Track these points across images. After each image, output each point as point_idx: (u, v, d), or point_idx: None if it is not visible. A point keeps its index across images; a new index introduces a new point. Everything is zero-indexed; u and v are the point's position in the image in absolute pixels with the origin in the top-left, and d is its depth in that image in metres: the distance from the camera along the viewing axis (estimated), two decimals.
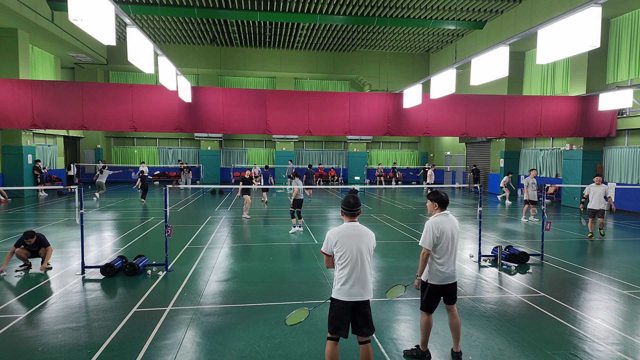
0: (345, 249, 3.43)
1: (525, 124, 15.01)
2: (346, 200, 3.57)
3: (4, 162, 17.42)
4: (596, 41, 5.94)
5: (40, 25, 16.32)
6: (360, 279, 3.45)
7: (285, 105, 14.12)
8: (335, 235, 3.48)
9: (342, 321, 3.44)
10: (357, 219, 3.60)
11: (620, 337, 4.65)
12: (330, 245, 3.49)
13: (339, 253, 3.45)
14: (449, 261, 4.00)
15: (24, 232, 6.85)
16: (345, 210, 3.56)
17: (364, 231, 3.55)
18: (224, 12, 17.66)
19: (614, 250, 8.99)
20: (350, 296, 3.43)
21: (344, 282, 3.44)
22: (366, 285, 3.48)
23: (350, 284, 3.43)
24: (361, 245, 3.46)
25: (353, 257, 3.43)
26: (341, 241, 3.44)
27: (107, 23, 6.00)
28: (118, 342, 4.39)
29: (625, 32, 14.31)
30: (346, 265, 3.43)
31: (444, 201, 4.05)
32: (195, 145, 27.92)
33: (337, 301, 3.47)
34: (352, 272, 3.43)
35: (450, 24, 18.63)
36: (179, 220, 12.28)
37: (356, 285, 3.44)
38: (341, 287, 3.45)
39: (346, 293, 3.43)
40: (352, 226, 3.53)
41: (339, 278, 3.47)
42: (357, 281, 3.43)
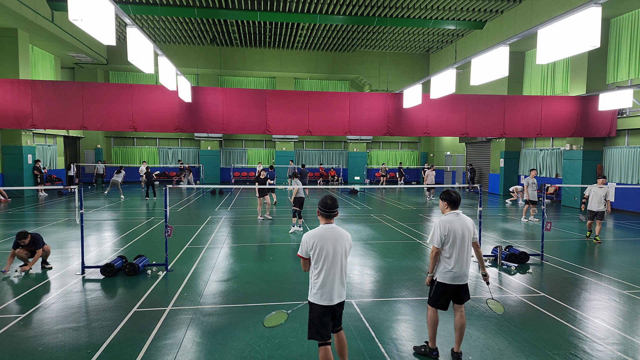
0: (322, 251, 3.37)
1: (525, 124, 15.01)
2: (323, 201, 3.48)
3: (4, 162, 17.42)
4: (596, 41, 5.94)
5: (40, 25, 16.32)
6: (337, 281, 3.41)
7: (285, 105, 14.11)
8: (312, 238, 3.40)
9: (323, 325, 3.40)
10: (333, 220, 3.53)
11: (620, 337, 4.65)
12: (306, 249, 3.42)
13: (316, 256, 3.38)
14: (459, 261, 3.97)
15: (17, 233, 6.79)
16: (322, 211, 3.48)
17: (341, 233, 3.49)
18: (224, 12, 17.66)
19: (614, 250, 8.99)
20: (330, 300, 3.39)
21: (321, 285, 3.38)
22: (343, 287, 3.46)
23: (328, 287, 3.38)
24: (338, 248, 3.42)
25: (329, 259, 3.38)
26: (318, 244, 3.37)
27: (107, 23, 6.00)
28: (118, 342, 4.39)
29: (625, 32, 14.31)
30: (323, 269, 3.37)
31: (454, 201, 4.04)
32: (195, 145, 27.92)
33: (315, 305, 3.41)
34: (329, 275, 3.37)
35: (450, 24, 18.63)
36: (179, 220, 12.28)
37: (334, 288, 3.39)
38: (319, 290, 3.39)
39: (325, 297, 3.38)
40: (328, 228, 3.46)
41: (316, 282, 3.40)
42: (334, 284, 3.39)
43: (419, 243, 9.36)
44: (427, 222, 12.30)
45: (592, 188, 9.79)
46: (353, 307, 5.44)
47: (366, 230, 10.88)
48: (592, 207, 9.70)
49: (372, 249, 8.77)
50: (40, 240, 6.99)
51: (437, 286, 4.06)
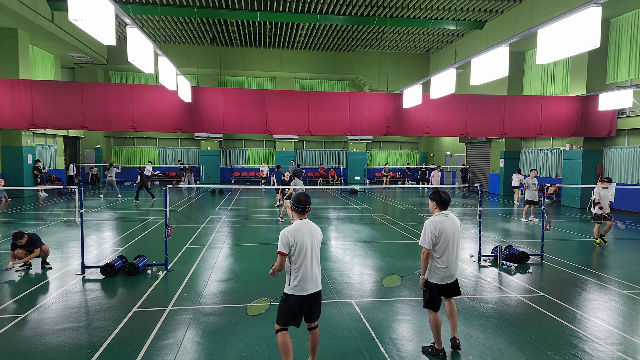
0: (301, 246, 3.56)
1: (525, 124, 15.01)
2: (297, 198, 3.68)
3: (4, 162, 17.42)
4: (596, 41, 5.94)
5: (40, 25, 16.32)
6: (316, 270, 3.66)
7: (285, 105, 14.11)
8: (291, 234, 3.57)
9: (297, 313, 3.60)
10: (306, 215, 3.74)
11: (620, 337, 4.65)
12: (287, 244, 3.55)
13: (297, 250, 3.55)
14: (449, 260, 4.05)
15: (13, 233, 6.79)
16: (296, 207, 3.69)
17: (314, 227, 3.74)
18: (224, 12, 17.66)
19: (614, 250, 8.98)
20: (308, 290, 3.60)
21: (301, 278, 3.57)
22: (318, 277, 3.70)
23: (307, 279, 3.58)
24: (313, 240, 3.66)
25: (307, 253, 3.59)
26: (297, 239, 3.56)
27: (107, 23, 6.00)
28: (118, 342, 4.39)
29: (625, 32, 14.31)
30: (303, 262, 3.56)
31: (444, 201, 4.10)
32: (195, 145, 27.92)
33: (293, 297, 3.59)
34: (307, 268, 3.58)
35: (450, 24, 18.63)
36: (179, 220, 12.28)
37: (311, 278, 3.61)
38: (299, 283, 3.57)
39: (303, 288, 3.57)
40: (304, 223, 3.67)
41: (297, 274, 3.58)
42: (312, 275, 3.61)
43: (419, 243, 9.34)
44: None
45: (599, 191, 9.22)
46: (353, 307, 5.44)
47: (366, 230, 10.88)
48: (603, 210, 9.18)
49: (372, 249, 8.77)
50: (37, 240, 6.98)
51: (432, 287, 4.12)
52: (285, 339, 3.59)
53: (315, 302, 3.72)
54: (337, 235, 10.20)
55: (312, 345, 3.82)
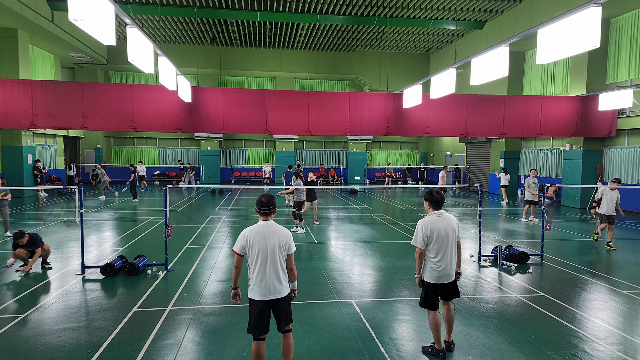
0: (258, 247, 3.47)
1: (525, 124, 15.01)
2: (259, 200, 3.64)
3: (4, 162, 17.42)
4: (596, 41, 5.94)
5: (40, 25, 16.32)
6: (271, 277, 3.48)
7: (285, 105, 14.11)
8: (247, 234, 3.52)
9: (257, 320, 3.48)
10: (271, 217, 3.66)
11: (620, 337, 4.65)
12: (242, 243, 3.51)
13: (252, 251, 3.48)
14: (444, 260, 4.06)
15: (14, 233, 6.81)
16: (258, 209, 3.63)
17: (276, 229, 3.58)
18: (224, 12, 17.66)
19: (614, 250, 8.97)
20: (265, 295, 3.47)
21: (255, 282, 3.48)
22: (278, 284, 3.50)
23: (263, 282, 3.46)
24: (273, 243, 3.50)
25: (264, 255, 3.46)
26: (255, 239, 3.48)
27: (107, 23, 6.00)
28: (118, 342, 4.39)
29: (625, 32, 14.31)
30: (258, 264, 3.46)
31: (436, 201, 4.13)
32: (195, 145, 27.92)
33: (251, 300, 3.52)
34: (264, 271, 3.46)
35: (450, 24, 18.62)
36: (179, 220, 12.28)
37: (269, 283, 3.47)
38: (255, 286, 3.49)
39: (260, 292, 3.47)
40: (265, 224, 3.58)
41: (252, 276, 3.51)
42: (269, 280, 3.47)
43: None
44: None
45: (605, 189, 9.01)
46: (353, 307, 5.44)
47: (366, 230, 10.88)
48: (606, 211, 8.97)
49: (372, 249, 8.77)
50: (38, 239, 6.99)
51: (427, 287, 4.15)
52: (255, 348, 3.50)
53: (279, 311, 3.55)
54: (337, 235, 10.20)
55: (285, 351, 3.64)
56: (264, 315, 3.49)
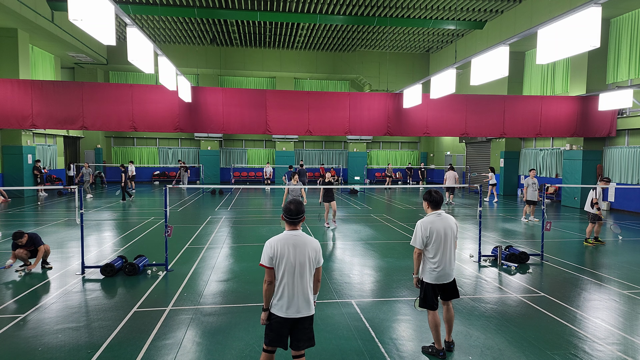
0: (286, 260, 3.14)
1: (525, 124, 15.01)
2: (287, 208, 3.27)
3: (4, 162, 17.42)
4: (596, 41, 5.94)
5: (40, 25, 16.32)
6: (299, 293, 3.16)
7: (285, 105, 14.11)
8: (274, 244, 3.18)
9: (279, 335, 3.21)
10: (299, 227, 3.31)
11: (620, 337, 4.65)
12: (269, 256, 3.18)
13: (277, 264, 3.16)
14: (443, 260, 4.06)
15: (13, 233, 6.79)
16: (286, 217, 3.27)
17: (305, 240, 3.23)
18: (224, 12, 17.66)
19: (614, 250, 8.98)
20: (289, 313, 3.16)
21: (280, 297, 3.17)
22: (307, 300, 3.20)
23: (287, 298, 3.15)
24: (302, 256, 3.16)
25: (292, 269, 3.14)
26: (283, 251, 3.15)
27: (107, 23, 6.00)
28: (118, 342, 4.39)
29: (625, 32, 14.31)
30: (283, 278, 3.15)
31: (435, 201, 4.13)
32: (195, 145, 27.91)
33: (274, 316, 3.20)
34: (290, 286, 3.15)
35: (450, 24, 18.62)
36: (179, 220, 12.28)
37: (295, 300, 3.16)
38: (278, 301, 3.17)
39: (284, 309, 3.16)
40: (294, 234, 3.23)
41: (277, 292, 3.19)
42: (296, 296, 3.16)
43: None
44: None
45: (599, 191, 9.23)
46: (353, 307, 5.44)
47: (366, 230, 10.88)
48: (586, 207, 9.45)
49: (372, 249, 8.77)
50: (38, 239, 6.99)
51: (426, 287, 4.15)
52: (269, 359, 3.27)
53: (302, 329, 3.23)
54: (337, 235, 10.20)
55: None
56: (285, 332, 3.21)
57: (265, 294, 3.20)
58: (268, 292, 3.20)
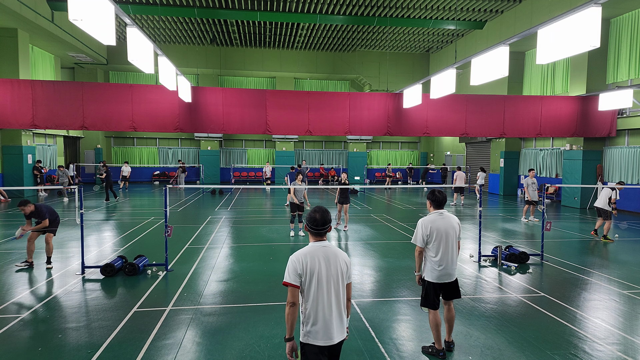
0: (318, 275, 2.70)
1: (525, 124, 15.01)
2: (312, 217, 2.83)
3: (4, 162, 17.42)
4: (596, 41, 5.94)
5: (40, 25, 16.32)
6: (336, 313, 2.75)
7: (285, 105, 14.11)
8: (301, 259, 2.74)
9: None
10: (326, 237, 2.90)
11: (620, 337, 4.65)
12: (294, 273, 2.71)
13: (309, 281, 2.71)
14: (444, 259, 4.07)
15: (19, 202, 6.94)
16: (311, 229, 2.83)
17: (336, 252, 2.84)
18: (224, 12, 17.66)
19: (614, 250, 8.98)
20: (327, 338, 2.70)
21: (314, 322, 2.71)
22: (342, 322, 2.79)
23: (322, 322, 2.70)
24: (336, 270, 2.77)
25: (325, 285, 2.72)
26: (312, 265, 2.72)
27: (107, 23, 6.00)
28: (118, 342, 4.39)
29: (625, 32, 14.31)
30: (315, 299, 2.70)
31: (438, 201, 4.14)
32: (195, 145, 27.91)
33: (310, 346, 2.72)
34: (325, 307, 2.71)
35: (450, 24, 18.62)
36: (179, 220, 12.28)
37: (332, 323, 2.71)
38: (312, 327, 2.71)
39: (319, 335, 2.70)
40: (322, 246, 2.81)
41: (308, 316, 2.72)
42: (333, 318, 2.72)
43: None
44: None
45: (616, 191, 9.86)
46: (353, 307, 5.44)
47: (366, 230, 10.88)
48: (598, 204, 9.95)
49: (372, 249, 8.77)
50: (44, 211, 7.05)
51: (427, 286, 4.17)
52: None
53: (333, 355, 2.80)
54: (337, 236, 10.20)
55: None
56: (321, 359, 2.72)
57: (289, 319, 2.69)
58: (292, 315, 2.70)
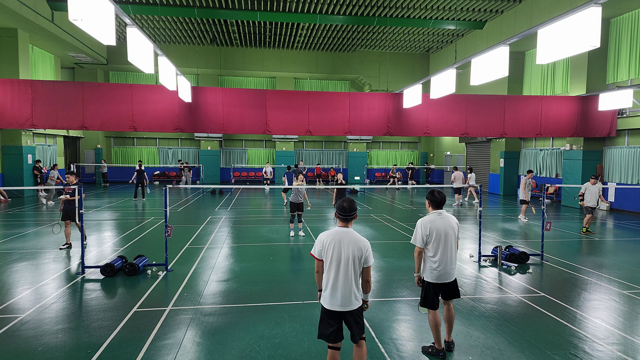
0: (332, 255, 3.31)
1: (525, 124, 15.01)
2: (340, 205, 3.44)
3: (4, 162, 17.42)
4: (596, 41, 5.94)
5: (40, 25, 16.31)
6: (342, 288, 3.29)
7: (285, 105, 14.11)
8: (324, 238, 3.38)
9: (326, 327, 3.35)
10: (350, 224, 3.48)
11: (620, 337, 4.65)
12: (319, 248, 3.39)
13: (327, 257, 3.34)
14: (443, 259, 4.07)
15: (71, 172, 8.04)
16: (339, 214, 3.44)
17: (354, 238, 3.37)
18: (224, 12, 17.66)
19: (614, 250, 8.99)
20: (333, 305, 3.32)
21: (325, 289, 3.36)
22: (350, 295, 3.31)
23: (330, 291, 3.32)
24: (348, 254, 3.30)
25: (337, 264, 3.30)
26: (329, 245, 3.33)
27: (107, 23, 6.00)
28: (118, 342, 4.39)
29: (625, 32, 14.31)
30: (331, 272, 3.32)
31: (436, 201, 4.16)
32: (195, 145, 27.91)
33: (322, 308, 3.41)
34: (335, 279, 3.30)
35: (450, 24, 18.62)
36: (179, 220, 12.28)
37: (339, 293, 3.29)
38: (324, 293, 3.37)
39: (328, 301, 3.33)
40: (342, 231, 3.40)
41: (325, 284, 3.37)
42: (340, 289, 3.29)
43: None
44: None
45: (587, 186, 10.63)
46: None
47: (366, 230, 10.88)
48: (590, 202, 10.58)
49: (372, 248, 8.75)
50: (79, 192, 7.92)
51: (427, 286, 4.18)
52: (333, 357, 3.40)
53: (349, 323, 3.37)
54: None
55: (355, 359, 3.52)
56: (332, 323, 3.34)
57: (317, 281, 3.52)
58: (318, 279, 3.50)
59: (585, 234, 10.46)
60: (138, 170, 16.98)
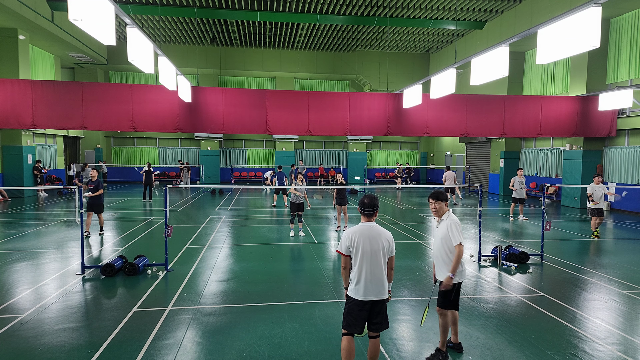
0: (362, 249, 3.50)
1: (525, 124, 15.01)
2: (362, 201, 3.66)
3: (4, 162, 17.42)
4: (596, 41, 5.94)
5: (40, 25, 16.32)
6: (374, 278, 3.51)
7: (285, 105, 14.11)
8: (351, 235, 3.56)
9: (356, 318, 3.53)
10: (373, 219, 3.66)
11: (620, 337, 4.65)
12: (347, 245, 3.56)
13: (354, 252, 3.53)
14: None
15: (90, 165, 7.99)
16: (361, 210, 3.65)
17: (380, 231, 3.59)
18: (224, 12, 17.66)
19: (614, 250, 8.99)
20: (365, 296, 3.50)
21: (357, 281, 3.53)
22: (381, 285, 3.53)
23: (363, 283, 3.50)
24: (375, 245, 3.52)
25: (367, 256, 3.50)
26: (359, 241, 3.52)
27: (107, 23, 6.00)
28: (118, 342, 4.39)
29: (625, 32, 14.31)
30: (359, 265, 3.51)
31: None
32: (195, 145, 27.91)
33: (351, 299, 3.57)
34: (365, 272, 3.50)
35: (450, 24, 18.62)
36: (179, 220, 12.28)
37: (370, 284, 3.50)
38: (355, 286, 3.54)
39: (360, 292, 3.51)
40: (367, 225, 3.60)
41: (353, 278, 3.56)
42: (370, 281, 3.50)
43: (419, 243, 9.36)
44: (428, 222, 12.30)
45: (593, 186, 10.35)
46: None
47: None
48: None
49: None
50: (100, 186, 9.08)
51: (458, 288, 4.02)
52: (347, 344, 3.54)
53: (378, 312, 3.57)
54: (338, 236, 10.19)
55: (371, 355, 3.68)
56: (363, 315, 3.53)
57: (343, 277, 3.70)
58: (344, 275, 3.67)
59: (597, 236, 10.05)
60: (147, 171, 16.98)
